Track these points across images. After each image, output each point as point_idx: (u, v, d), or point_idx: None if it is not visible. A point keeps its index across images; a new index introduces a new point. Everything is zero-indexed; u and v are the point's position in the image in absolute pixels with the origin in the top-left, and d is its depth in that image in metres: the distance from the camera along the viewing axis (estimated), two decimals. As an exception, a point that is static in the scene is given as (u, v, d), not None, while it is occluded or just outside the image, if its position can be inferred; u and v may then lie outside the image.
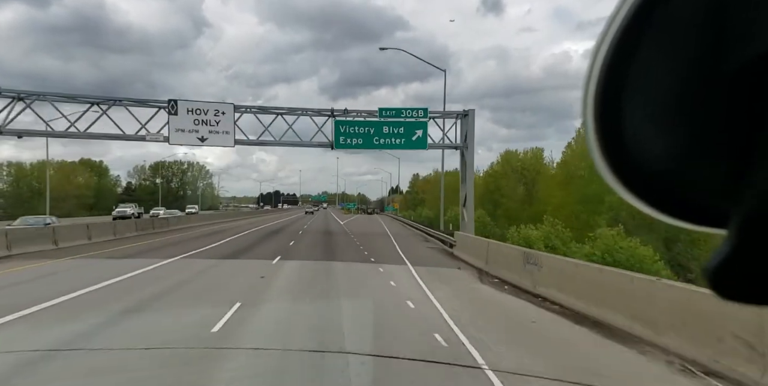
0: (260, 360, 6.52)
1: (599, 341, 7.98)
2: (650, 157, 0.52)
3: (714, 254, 0.49)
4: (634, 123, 0.51)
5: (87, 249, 21.17)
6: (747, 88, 0.46)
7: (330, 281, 13.54)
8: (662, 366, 6.67)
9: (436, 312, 9.64)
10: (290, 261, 17.87)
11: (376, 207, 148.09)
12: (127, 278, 13.33)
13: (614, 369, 6.67)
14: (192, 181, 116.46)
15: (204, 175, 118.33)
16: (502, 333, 8.31)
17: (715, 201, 0.51)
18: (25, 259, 17.30)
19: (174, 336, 7.42)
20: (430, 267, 16.99)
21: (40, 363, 6.19)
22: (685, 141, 0.50)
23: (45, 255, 18.48)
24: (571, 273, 10.63)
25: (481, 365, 6.44)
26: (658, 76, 0.50)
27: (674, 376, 6.29)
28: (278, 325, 8.47)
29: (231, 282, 13.47)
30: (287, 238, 28.16)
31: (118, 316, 8.75)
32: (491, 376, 6.01)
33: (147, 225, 34.66)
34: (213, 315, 8.59)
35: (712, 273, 0.49)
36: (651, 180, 0.53)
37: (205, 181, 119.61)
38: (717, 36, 0.47)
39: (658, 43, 0.49)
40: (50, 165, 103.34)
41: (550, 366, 6.51)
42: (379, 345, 7.06)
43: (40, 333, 7.60)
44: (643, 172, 0.52)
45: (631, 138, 0.52)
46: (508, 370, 6.25)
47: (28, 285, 12.21)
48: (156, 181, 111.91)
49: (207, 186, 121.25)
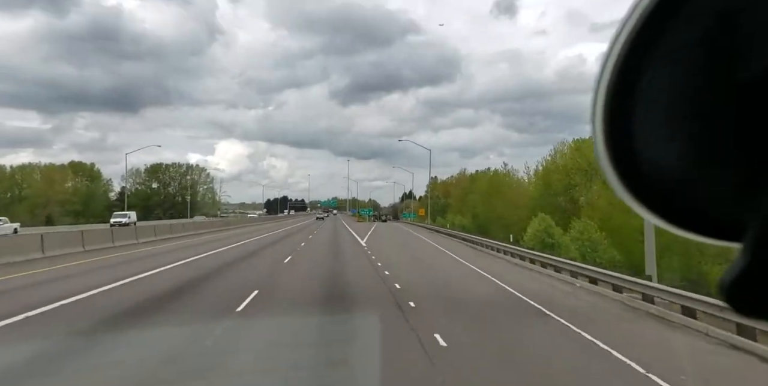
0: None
1: None
2: (661, 167, 0.50)
3: (729, 268, 0.47)
4: (644, 131, 0.50)
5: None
6: (760, 96, 0.45)
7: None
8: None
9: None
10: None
11: (389, 214, 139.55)
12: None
13: None
14: (192, 184, 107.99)
15: (205, 179, 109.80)
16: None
17: (730, 212, 0.49)
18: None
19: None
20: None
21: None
22: (698, 150, 0.49)
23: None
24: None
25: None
26: (669, 84, 0.49)
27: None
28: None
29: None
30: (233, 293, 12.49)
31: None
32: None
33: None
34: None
35: (728, 287, 0.47)
36: (662, 190, 0.51)
37: (206, 186, 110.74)
38: (729, 44, 0.46)
39: (669, 50, 0.48)
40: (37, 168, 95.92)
41: None
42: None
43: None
44: (654, 182, 0.51)
45: (641, 147, 0.50)
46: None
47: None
48: (152, 185, 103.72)
49: (207, 191, 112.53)
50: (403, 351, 7.47)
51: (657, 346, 8.69)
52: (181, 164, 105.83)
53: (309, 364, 6.70)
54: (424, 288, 13.67)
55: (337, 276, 15.92)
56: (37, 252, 20.58)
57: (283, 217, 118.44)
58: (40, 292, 11.88)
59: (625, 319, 10.94)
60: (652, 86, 0.49)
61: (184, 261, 19.08)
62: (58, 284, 13.39)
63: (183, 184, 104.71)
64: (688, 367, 7.30)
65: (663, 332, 9.75)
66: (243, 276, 15.37)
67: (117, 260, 20.02)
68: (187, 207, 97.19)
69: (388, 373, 6.20)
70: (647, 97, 0.49)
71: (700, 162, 0.49)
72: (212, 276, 15.22)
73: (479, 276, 17.02)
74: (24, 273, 15.26)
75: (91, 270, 16.39)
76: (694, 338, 9.26)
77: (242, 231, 46.14)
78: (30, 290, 12.46)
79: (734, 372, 7.55)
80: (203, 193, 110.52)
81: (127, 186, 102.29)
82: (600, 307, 12.29)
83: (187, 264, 18.27)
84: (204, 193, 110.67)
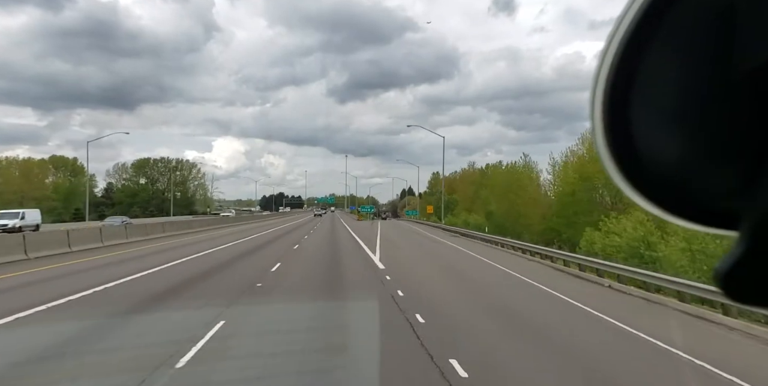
0: None
1: None
2: (660, 160, 0.51)
3: (725, 256, 0.48)
4: (643, 125, 0.51)
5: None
6: (758, 90, 0.46)
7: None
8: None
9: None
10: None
11: (388, 211, 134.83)
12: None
13: None
14: (183, 181, 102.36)
15: (196, 174, 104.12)
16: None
17: (727, 203, 0.50)
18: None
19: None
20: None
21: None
22: (696, 143, 0.50)
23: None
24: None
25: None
26: (668, 78, 0.50)
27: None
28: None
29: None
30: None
31: None
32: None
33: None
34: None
35: (724, 275, 0.48)
36: (661, 182, 0.52)
37: (197, 182, 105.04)
38: (727, 38, 0.47)
39: (667, 45, 0.49)
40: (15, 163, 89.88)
41: None
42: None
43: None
44: (653, 175, 0.52)
45: (640, 140, 0.51)
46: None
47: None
48: (140, 181, 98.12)
49: (199, 187, 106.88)
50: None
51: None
52: (170, 159, 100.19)
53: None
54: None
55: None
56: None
57: (270, 216, 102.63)
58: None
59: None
60: (650, 81, 0.49)
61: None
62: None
63: (173, 181, 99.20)
64: None
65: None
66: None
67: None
68: (176, 204, 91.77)
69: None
70: (645, 91, 0.49)
71: (697, 154, 0.50)
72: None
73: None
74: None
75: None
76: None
77: (183, 242, 28.90)
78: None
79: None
80: (194, 189, 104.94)
81: (113, 182, 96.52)
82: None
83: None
84: (195, 190, 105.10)
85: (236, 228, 48.41)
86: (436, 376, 6.30)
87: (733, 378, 6.55)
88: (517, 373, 6.70)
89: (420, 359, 6.99)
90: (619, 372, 6.99)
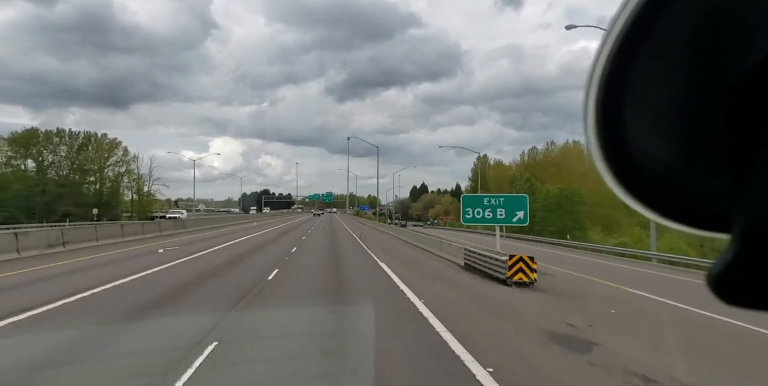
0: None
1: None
2: (652, 162, 0.51)
3: (717, 259, 0.49)
4: (635, 128, 0.51)
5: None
6: (749, 94, 0.46)
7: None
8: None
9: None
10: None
11: (398, 214, 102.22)
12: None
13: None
14: (98, 169, 67.65)
15: (123, 158, 69.09)
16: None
17: (719, 205, 0.51)
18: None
19: None
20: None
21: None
22: (687, 146, 0.50)
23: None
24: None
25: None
26: (660, 82, 0.50)
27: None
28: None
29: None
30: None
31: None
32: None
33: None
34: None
35: (716, 278, 0.48)
36: (653, 185, 0.52)
37: (123, 168, 69.91)
38: (718, 42, 0.47)
39: (659, 49, 0.49)
40: None
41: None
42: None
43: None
44: (645, 177, 0.52)
45: (633, 143, 0.51)
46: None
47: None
48: (22, 165, 63.76)
49: (131, 179, 71.64)
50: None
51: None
52: (73, 132, 65.49)
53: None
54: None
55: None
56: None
57: (248, 217, 77.52)
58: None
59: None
60: (642, 84, 0.49)
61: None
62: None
63: (79, 166, 64.79)
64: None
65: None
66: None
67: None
68: (85, 202, 58.51)
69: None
70: (638, 93, 0.49)
71: (689, 157, 0.50)
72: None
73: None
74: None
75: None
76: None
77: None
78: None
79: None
80: (115, 179, 69.58)
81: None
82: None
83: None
84: (118, 181, 69.82)
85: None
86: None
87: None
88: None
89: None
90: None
